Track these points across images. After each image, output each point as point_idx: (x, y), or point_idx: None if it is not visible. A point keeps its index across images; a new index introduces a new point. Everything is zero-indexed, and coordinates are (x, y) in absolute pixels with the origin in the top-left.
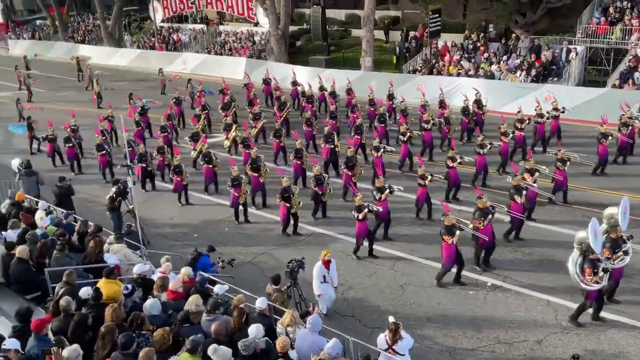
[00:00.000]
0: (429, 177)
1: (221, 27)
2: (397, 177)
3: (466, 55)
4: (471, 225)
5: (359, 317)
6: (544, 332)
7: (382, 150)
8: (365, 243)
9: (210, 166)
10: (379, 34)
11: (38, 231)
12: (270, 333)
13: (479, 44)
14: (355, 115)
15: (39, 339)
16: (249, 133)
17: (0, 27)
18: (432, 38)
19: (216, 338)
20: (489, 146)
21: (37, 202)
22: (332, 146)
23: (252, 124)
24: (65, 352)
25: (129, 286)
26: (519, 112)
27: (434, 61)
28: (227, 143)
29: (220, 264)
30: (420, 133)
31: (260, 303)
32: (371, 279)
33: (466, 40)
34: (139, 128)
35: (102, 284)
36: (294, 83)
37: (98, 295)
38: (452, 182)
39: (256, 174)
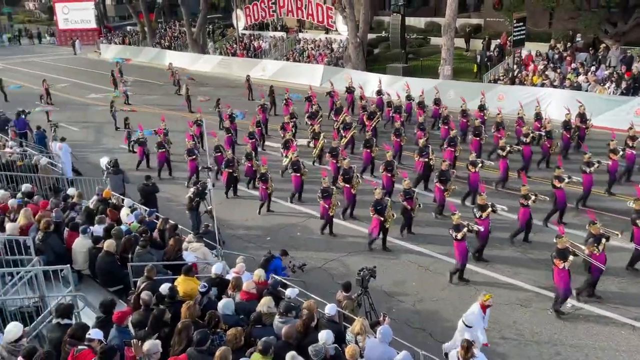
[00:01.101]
0: (533, 197)
1: (300, 35)
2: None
3: (551, 65)
4: (587, 251)
5: (430, 330)
6: (628, 358)
7: (479, 165)
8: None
9: (299, 175)
10: (459, 42)
11: (122, 227)
12: (339, 340)
13: (565, 54)
14: (448, 127)
15: (120, 331)
16: (338, 143)
17: (93, 33)
18: (516, 47)
19: (286, 341)
20: (596, 164)
21: (123, 200)
22: (427, 159)
23: (342, 134)
24: (145, 346)
25: (206, 284)
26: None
27: (516, 71)
28: (315, 152)
29: (292, 267)
30: (520, 148)
31: (330, 309)
32: (444, 292)
33: (551, 50)
34: (229, 135)
35: (181, 280)
36: (379, 92)
37: (173, 294)
38: (560, 204)
39: (348, 185)
